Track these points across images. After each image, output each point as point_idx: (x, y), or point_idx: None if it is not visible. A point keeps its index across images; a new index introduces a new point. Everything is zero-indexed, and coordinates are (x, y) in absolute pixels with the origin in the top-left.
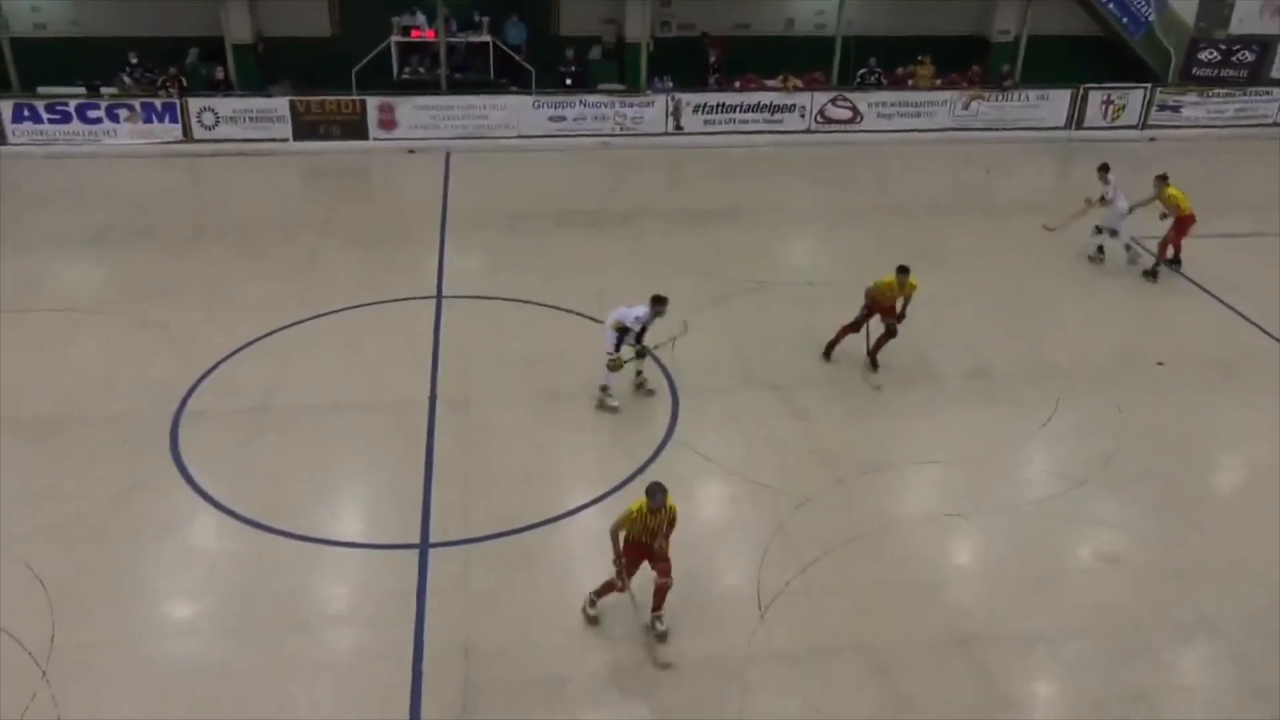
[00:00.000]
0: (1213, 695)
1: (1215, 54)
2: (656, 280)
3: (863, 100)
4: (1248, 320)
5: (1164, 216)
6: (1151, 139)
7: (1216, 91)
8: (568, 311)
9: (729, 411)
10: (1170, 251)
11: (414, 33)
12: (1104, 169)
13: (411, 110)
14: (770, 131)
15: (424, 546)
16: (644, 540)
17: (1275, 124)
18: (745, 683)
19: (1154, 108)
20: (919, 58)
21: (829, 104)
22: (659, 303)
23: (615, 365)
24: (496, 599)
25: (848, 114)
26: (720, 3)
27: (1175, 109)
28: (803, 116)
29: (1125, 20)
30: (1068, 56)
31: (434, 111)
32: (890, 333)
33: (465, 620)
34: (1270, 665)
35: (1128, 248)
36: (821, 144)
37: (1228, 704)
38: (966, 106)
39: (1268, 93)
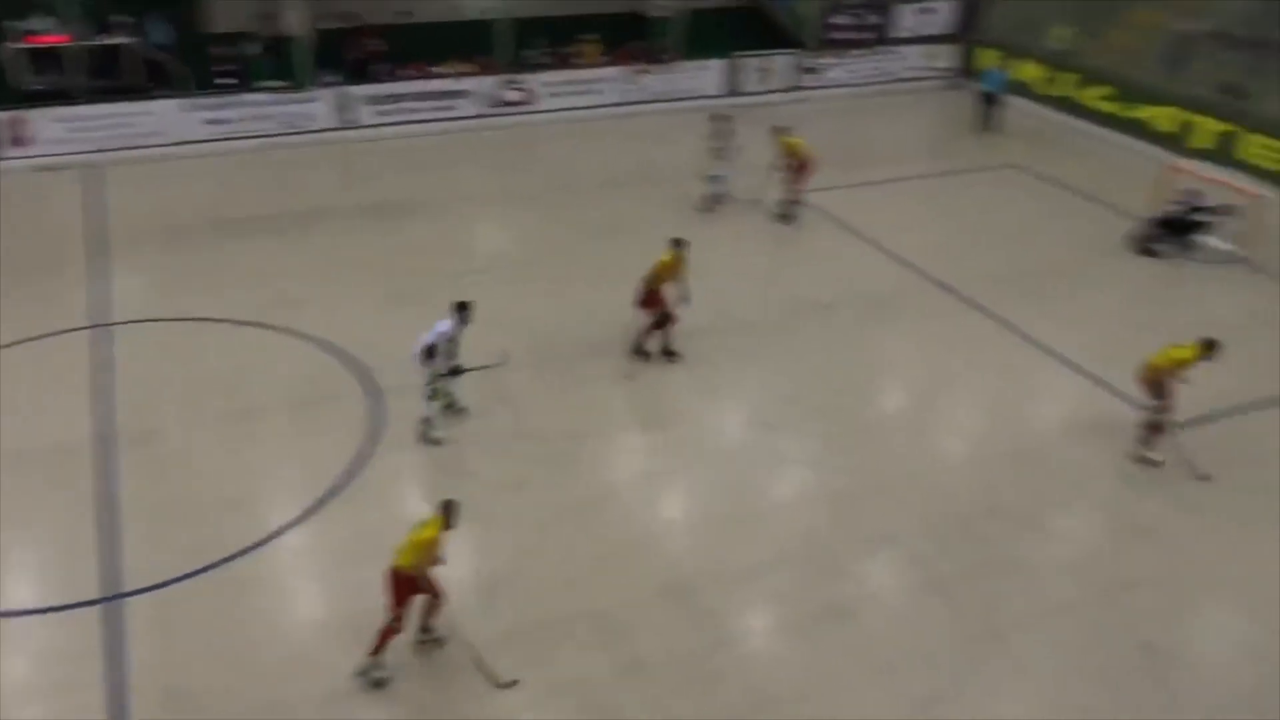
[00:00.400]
0: (900, 595)
1: (848, 19)
2: (339, 281)
3: (534, 81)
4: (895, 256)
5: (796, 168)
6: (801, 101)
7: (851, 53)
8: (249, 324)
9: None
10: (794, 195)
11: (37, 38)
12: (721, 120)
13: (46, 123)
14: (444, 119)
15: (114, 597)
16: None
17: (902, 79)
18: (479, 671)
19: (800, 71)
20: (584, 36)
21: (501, 87)
22: (463, 309)
23: (436, 394)
24: (204, 636)
25: (520, 95)
26: None
27: (819, 71)
28: (475, 102)
29: None
30: (722, 28)
31: (73, 123)
32: (662, 321)
33: (170, 665)
34: (944, 560)
35: (723, 194)
36: (496, 127)
37: (912, 600)
38: (634, 81)
39: (894, 51)
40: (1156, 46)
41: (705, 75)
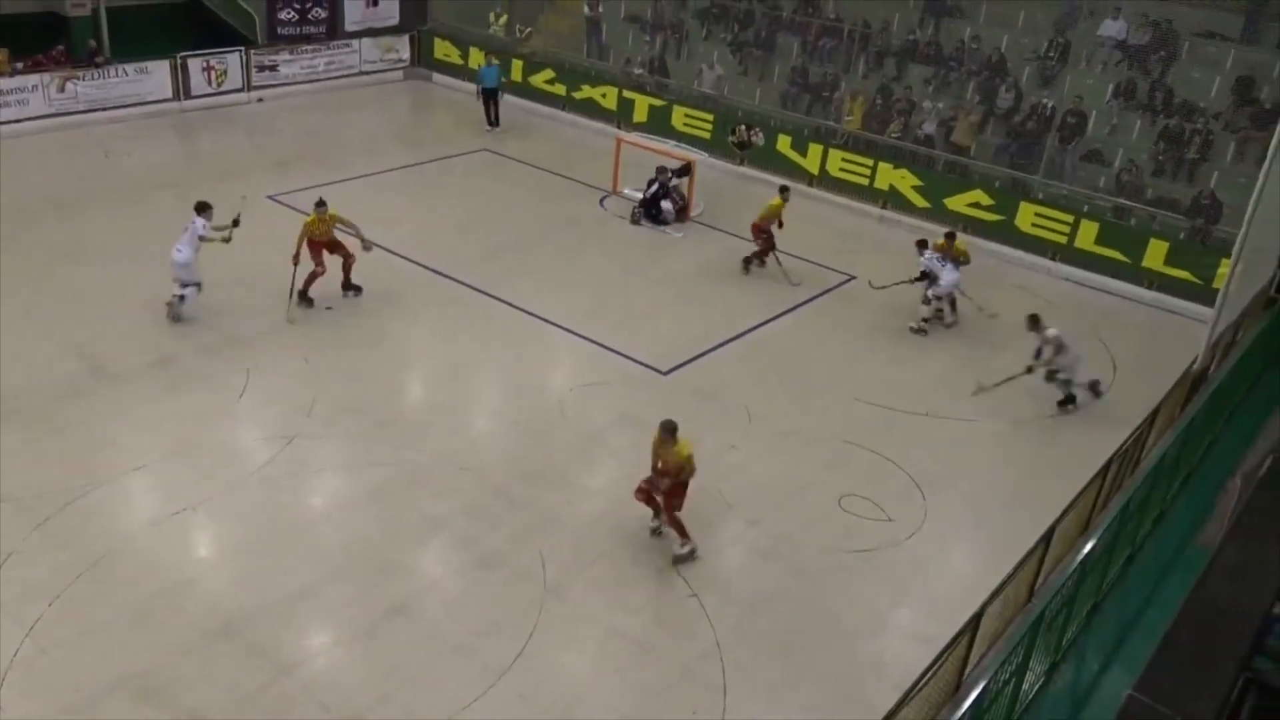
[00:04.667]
0: (456, 578)
1: (293, 13)
2: None
3: None
4: (389, 250)
5: None
6: (260, 99)
7: (303, 49)
8: None
9: None
10: None
11: None
12: None
13: None
14: None
15: None
16: None
17: (363, 73)
18: None
19: (254, 69)
20: None
21: None
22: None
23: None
24: None
25: None
26: None
27: (273, 68)
28: None
29: None
30: (156, 26)
31: None
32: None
33: None
34: (491, 534)
35: None
36: None
37: (469, 579)
38: (62, 89)
39: (348, 45)
40: (583, 31)
41: (149, 79)
